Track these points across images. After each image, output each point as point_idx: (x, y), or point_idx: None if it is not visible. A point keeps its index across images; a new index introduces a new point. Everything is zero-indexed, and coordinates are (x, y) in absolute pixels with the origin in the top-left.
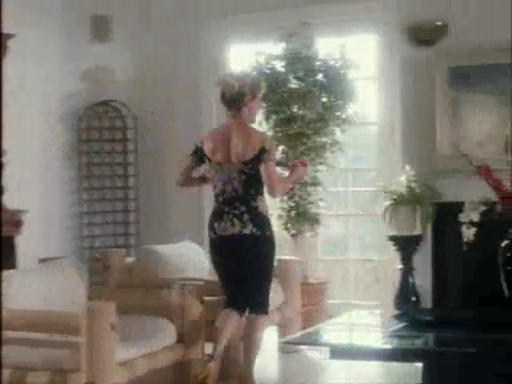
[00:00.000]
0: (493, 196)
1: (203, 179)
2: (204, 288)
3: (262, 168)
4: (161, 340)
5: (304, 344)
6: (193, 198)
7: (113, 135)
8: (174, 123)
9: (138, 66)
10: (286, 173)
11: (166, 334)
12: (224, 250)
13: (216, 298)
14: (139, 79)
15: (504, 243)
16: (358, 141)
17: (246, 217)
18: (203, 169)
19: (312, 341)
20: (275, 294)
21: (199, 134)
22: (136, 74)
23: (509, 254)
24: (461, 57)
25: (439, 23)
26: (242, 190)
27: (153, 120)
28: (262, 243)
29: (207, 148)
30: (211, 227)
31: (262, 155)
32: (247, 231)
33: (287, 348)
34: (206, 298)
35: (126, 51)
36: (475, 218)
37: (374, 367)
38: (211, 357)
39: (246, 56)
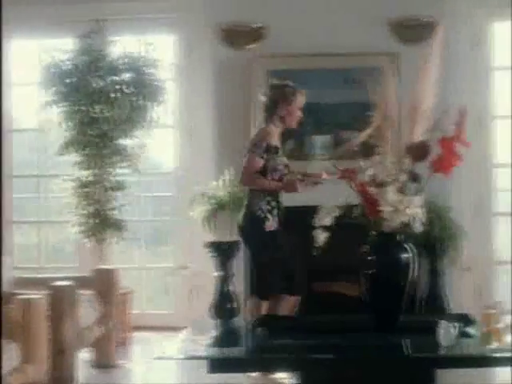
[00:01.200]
0: (353, 200)
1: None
2: (46, 302)
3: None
4: (6, 361)
5: (183, 359)
6: None
7: None
8: None
9: None
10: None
11: (9, 354)
12: None
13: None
14: None
15: (364, 248)
16: (163, 144)
17: (244, 210)
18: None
19: (190, 354)
20: (91, 309)
21: None
22: None
23: (369, 258)
24: (278, 60)
25: (254, 26)
26: None
27: None
28: (245, 237)
29: None
30: None
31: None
32: (240, 223)
33: (104, 364)
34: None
35: None
36: (329, 222)
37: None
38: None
39: (34, 52)
